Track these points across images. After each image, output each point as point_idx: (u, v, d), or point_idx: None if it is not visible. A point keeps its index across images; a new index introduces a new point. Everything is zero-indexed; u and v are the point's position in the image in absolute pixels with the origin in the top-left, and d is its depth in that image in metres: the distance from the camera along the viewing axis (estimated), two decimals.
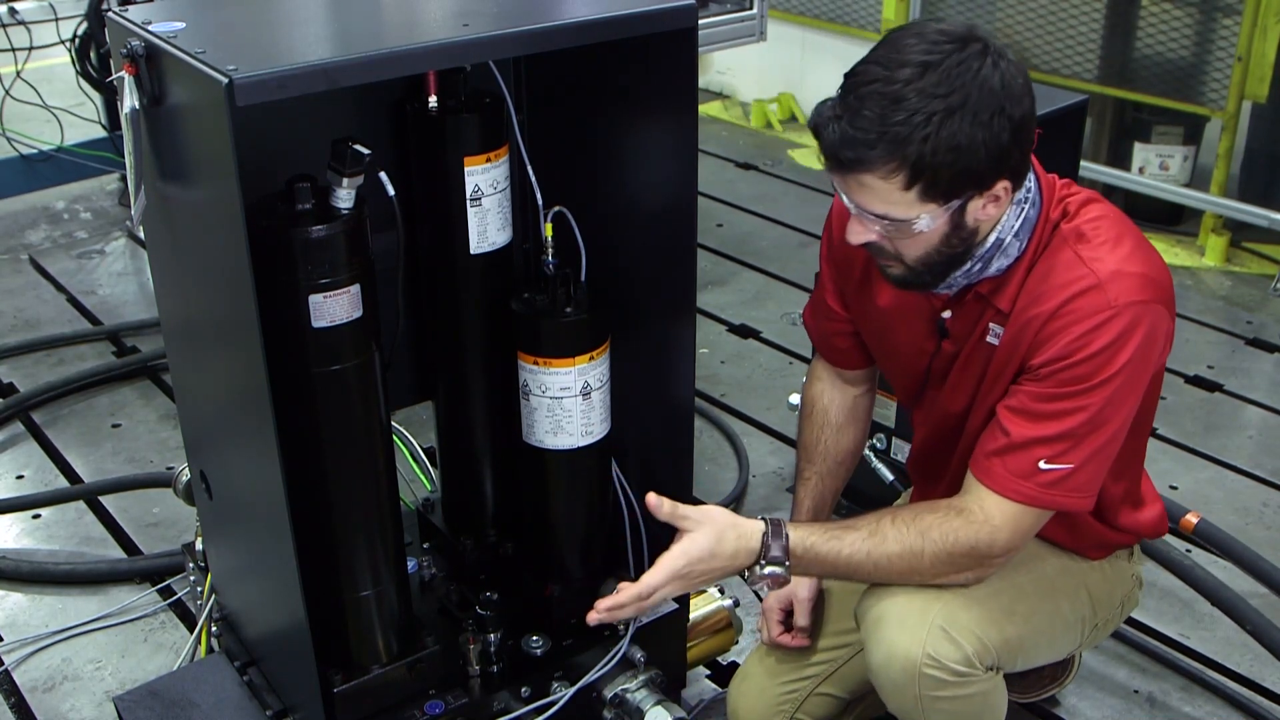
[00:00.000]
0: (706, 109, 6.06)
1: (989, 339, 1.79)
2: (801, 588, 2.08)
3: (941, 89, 1.56)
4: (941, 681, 1.77)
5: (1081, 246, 1.70)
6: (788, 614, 2.11)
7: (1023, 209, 1.72)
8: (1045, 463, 1.69)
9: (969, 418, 1.86)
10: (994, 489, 1.73)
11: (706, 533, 1.78)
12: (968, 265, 1.74)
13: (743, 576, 1.82)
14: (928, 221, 1.63)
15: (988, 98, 1.56)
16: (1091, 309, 1.65)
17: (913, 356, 1.93)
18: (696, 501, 1.87)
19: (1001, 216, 1.71)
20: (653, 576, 1.77)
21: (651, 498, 1.80)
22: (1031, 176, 1.74)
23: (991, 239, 1.71)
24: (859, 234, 1.71)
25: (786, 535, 1.78)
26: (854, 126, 1.58)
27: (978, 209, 1.65)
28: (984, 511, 1.73)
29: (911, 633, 1.77)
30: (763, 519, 1.80)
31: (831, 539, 1.78)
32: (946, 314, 1.84)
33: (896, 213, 1.63)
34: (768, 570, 1.77)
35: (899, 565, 1.76)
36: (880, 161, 1.58)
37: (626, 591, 1.78)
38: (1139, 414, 1.78)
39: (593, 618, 1.81)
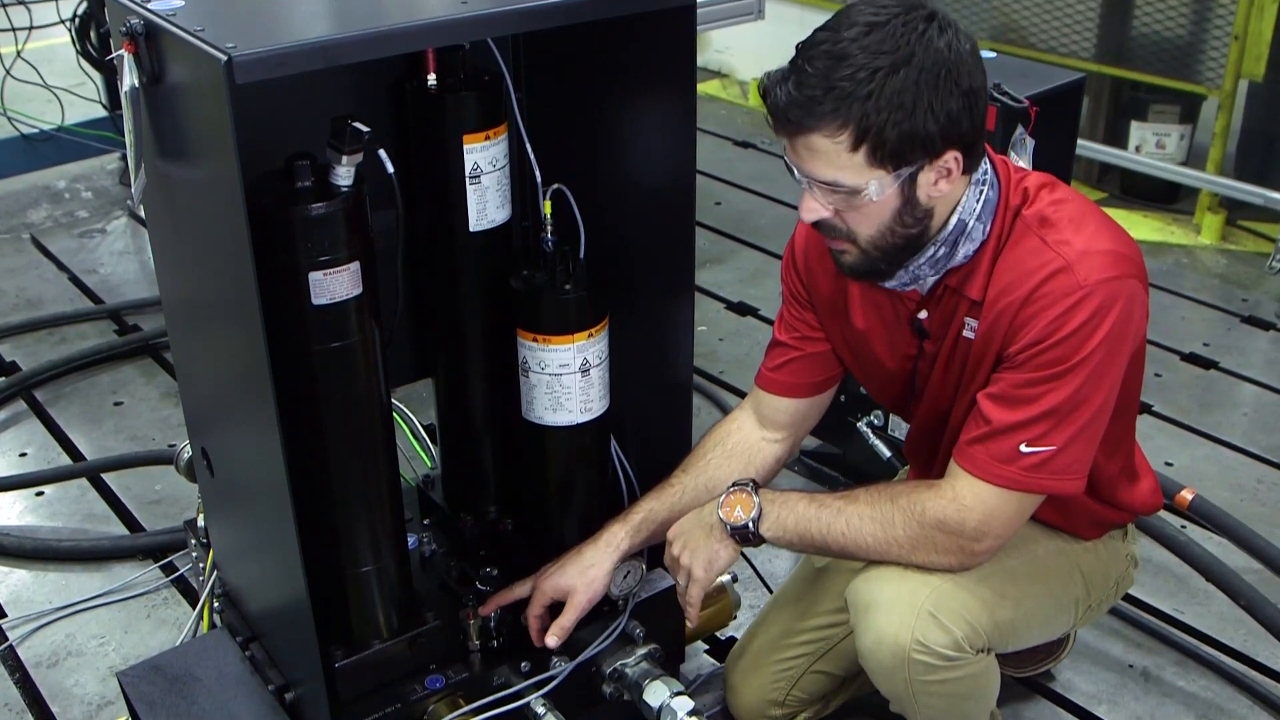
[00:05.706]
0: (705, 87, 6.05)
1: (965, 333, 1.78)
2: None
3: (886, 46, 1.55)
4: (931, 666, 1.76)
5: (1046, 231, 1.69)
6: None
7: (982, 190, 1.72)
8: (1026, 445, 1.68)
9: (953, 410, 1.86)
10: (976, 474, 1.71)
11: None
12: (931, 251, 1.72)
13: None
14: (877, 189, 1.62)
15: (933, 59, 1.56)
16: (1063, 291, 1.65)
17: (896, 365, 1.91)
18: None
19: (959, 197, 1.70)
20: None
21: None
22: (986, 160, 1.73)
23: (953, 221, 1.70)
24: (812, 210, 1.69)
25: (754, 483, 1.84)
26: (800, 85, 1.58)
27: (929, 183, 1.64)
28: (954, 490, 1.73)
29: (900, 618, 1.76)
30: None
31: (804, 496, 1.83)
32: (922, 314, 1.83)
33: (845, 179, 1.62)
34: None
35: (870, 528, 1.77)
36: (827, 118, 1.57)
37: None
38: (1126, 389, 1.77)
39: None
